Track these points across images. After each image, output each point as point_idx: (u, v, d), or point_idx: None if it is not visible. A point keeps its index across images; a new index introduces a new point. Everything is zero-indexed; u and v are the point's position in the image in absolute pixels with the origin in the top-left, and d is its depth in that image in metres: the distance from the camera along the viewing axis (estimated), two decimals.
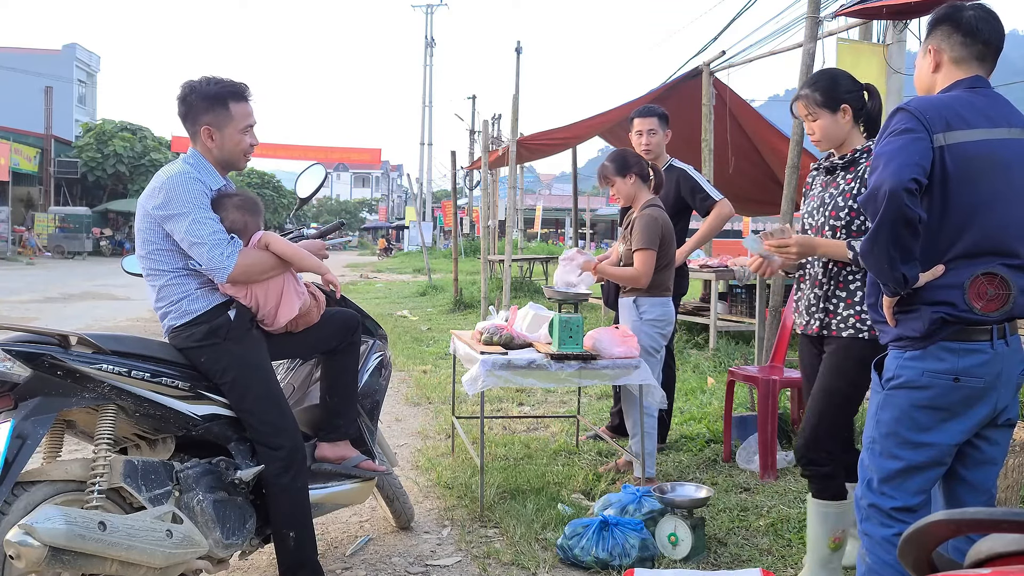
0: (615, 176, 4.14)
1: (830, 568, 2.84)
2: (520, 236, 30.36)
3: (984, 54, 2.25)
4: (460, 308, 12.45)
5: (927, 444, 2.16)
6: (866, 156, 2.77)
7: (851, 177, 2.77)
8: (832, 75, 2.91)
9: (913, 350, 2.15)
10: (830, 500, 2.81)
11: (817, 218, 2.83)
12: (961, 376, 2.12)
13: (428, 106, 42.28)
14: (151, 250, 2.65)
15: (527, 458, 4.51)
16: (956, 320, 2.10)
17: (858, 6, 5.24)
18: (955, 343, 2.11)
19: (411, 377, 7.13)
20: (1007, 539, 0.91)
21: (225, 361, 2.64)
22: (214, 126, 2.69)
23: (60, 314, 11.18)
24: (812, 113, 2.83)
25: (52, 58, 39.67)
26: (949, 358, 2.11)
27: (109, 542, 2.12)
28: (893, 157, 2.04)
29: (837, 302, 2.78)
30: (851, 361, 2.74)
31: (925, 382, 2.14)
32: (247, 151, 2.78)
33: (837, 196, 2.77)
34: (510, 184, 15.72)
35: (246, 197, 2.76)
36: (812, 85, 2.85)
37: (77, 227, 31.18)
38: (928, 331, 2.11)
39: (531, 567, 3.09)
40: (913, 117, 2.09)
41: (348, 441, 3.03)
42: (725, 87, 7.88)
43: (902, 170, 2.00)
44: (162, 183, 2.62)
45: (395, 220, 60.48)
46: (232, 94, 2.71)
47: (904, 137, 2.06)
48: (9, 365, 2.27)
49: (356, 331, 3.04)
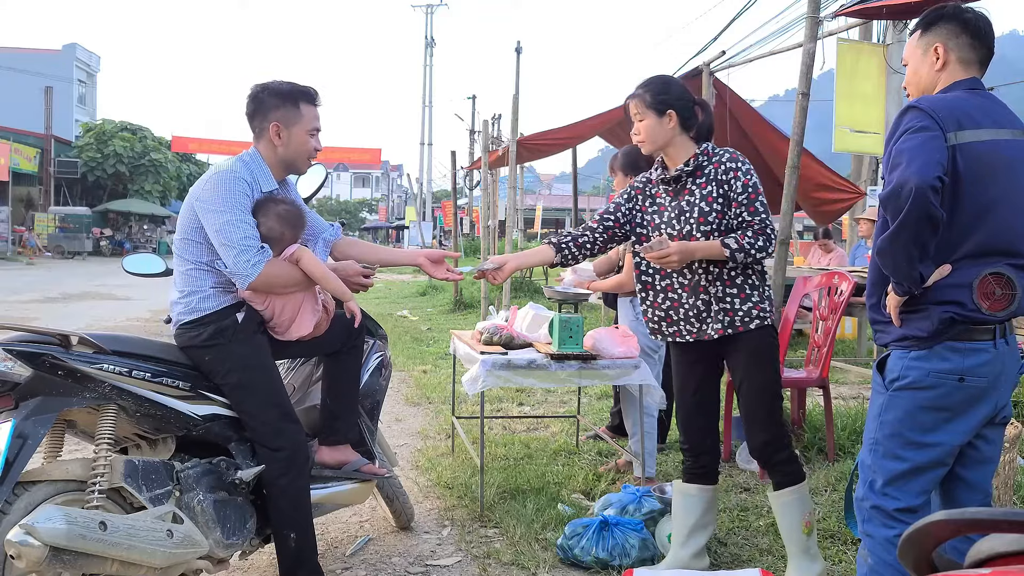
0: (619, 170, 4.18)
1: (811, 554, 2.88)
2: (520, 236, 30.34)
3: (986, 58, 2.26)
4: (460, 308, 12.46)
5: (932, 444, 2.16)
6: (710, 159, 2.84)
7: (704, 182, 2.84)
8: (664, 80, 2.95)
9: (918, 350, 2.14)
10: (794, 486, 2.88)
11: (681, 226, 2.86)
12: (966, 376, 2.11)
13: (428, 106, 42.25)
14: (183, 236, 2.68)
15: (527, 458, 4.51)
16: (964, 320, 2.09)
17: (858, 6, 5.24)
18: (961, 343, 2.11)
19: (411, 377, 7.13)
20: (1007, 539, 0.91)
21: (229, 362, 2.64)
22: (283, 123, 2.71)
23: (60, 314, 11.18)
24: (640, 113, 2.88)
25: (52, 58, 39.66)
26: (954, 358, 2.11)
27: (110, 542, 2.13)
28: (916, 154, 2.01)
29: (732, 300, 2.82)
30: (764, 350, 2.85)
31: (931, 382, 2.13)
32: (311, 154, 2.80)
33: (699, 202, 2.83)
34: (510, 184, 15.71)
35: (291, 209, 2.74)
36: (644, 86, 2.90)
37: (77, 227, 31.17)
38: (936, 331, 2.10)
39: (531, 567, 3.09)
40: (927, 115, 2.07)
41: (348, 445, 3.03)
42: (725, 87, 7.87)
43: (926, 168, 1.98)
44: (210, 176, 2.65)
45: (395, 220, 60.46)
46: (303, 95, 2.75)
47: (922, 135, 2.04)
48: (10, 365, 2.27)
49: (359, 335, 3.04)
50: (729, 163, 2.82)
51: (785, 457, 2.89)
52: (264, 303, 2.70)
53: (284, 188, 2.85)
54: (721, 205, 2.81)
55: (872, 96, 5.41)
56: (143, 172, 34.08)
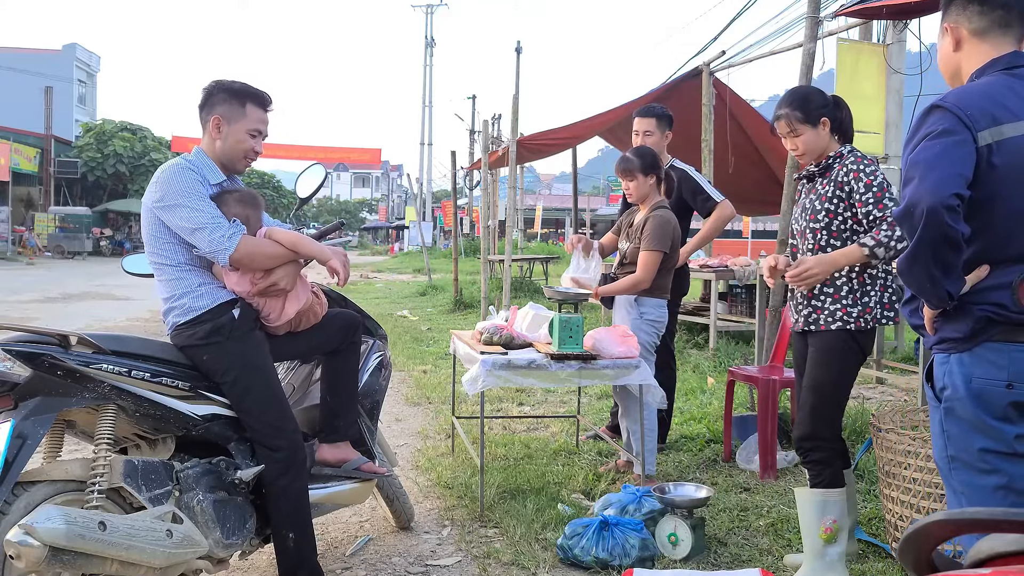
0: (639, 172, 4.10)
1: (825, 561, 2.86)
2: (520, 236, 30.35)
3: (1007, 19, 1.99)
4: (460, 308, 12.45)
5: (1011, 454, 1.93)
6: (838, 160, 2.94)
7: (826, 182, 2.95)
8: (805, 92, 3.06)
9: (957, 352, 1.98)
10: (825, 488, 2.90)
11: (800, 223, 3.03)
12: (1015, 383, 1.92)
13: (428, 106, 42.27)
14: (155, 244, 2.67)
15: (527, 458, 4.51)
16: (1003, 320, 1.92)
17: (858, 6, 5.25)
18: (1002, 344, 1.93)
19: (411, 377, 7.13)
20: (1007, 539, 0.91)
21: (227, 360, 2.64)
22: (224, 118, 2.73)
23: (60, 314, 11.17)
24: (794, 130, 2.97)
25: (52, 58, 39.66)
26: (999, 360, 1.93)
27: (109, 542, 2.12)
28: (931, 167, 1.83)
29: (824, 298, 2.92)
30: (835, 352, 2.90)
31: (977, 388, 1.94)
32: (248, 154, 2.79)
33: (815, 200, 2.96)
34: (510, 184, 15.72)
35: (245, 192, 2.80)
36: (789, 104, 2.98)
37: (77, 227, 31.15)
38: (973, 331, 1.94)
39: (531, 567, 3.09)
40: (951, 115, 1.88)
41: (348, 443, 3.03)
42: (725, 87, 7.88)
43: (941, 185, 1.80)
44: (157, 177, 2.66)
45: (395, 220, 60.46)
46: (253, 96, 2.77)
47: (942, 141, 1.86)
48: (9, 365, 2.27)
49: (357, 332, 3.05)
50: (851, 165, 2.89)
51: (819, 459, 2.93)
52: (252, 284, 2.69)
53: (232, 182, 2.85)
54: (834, 206, 2.90)
55: (872, 96, 5.41)
56: (143, 172, 34.05)
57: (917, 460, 3.02)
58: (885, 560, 3.13)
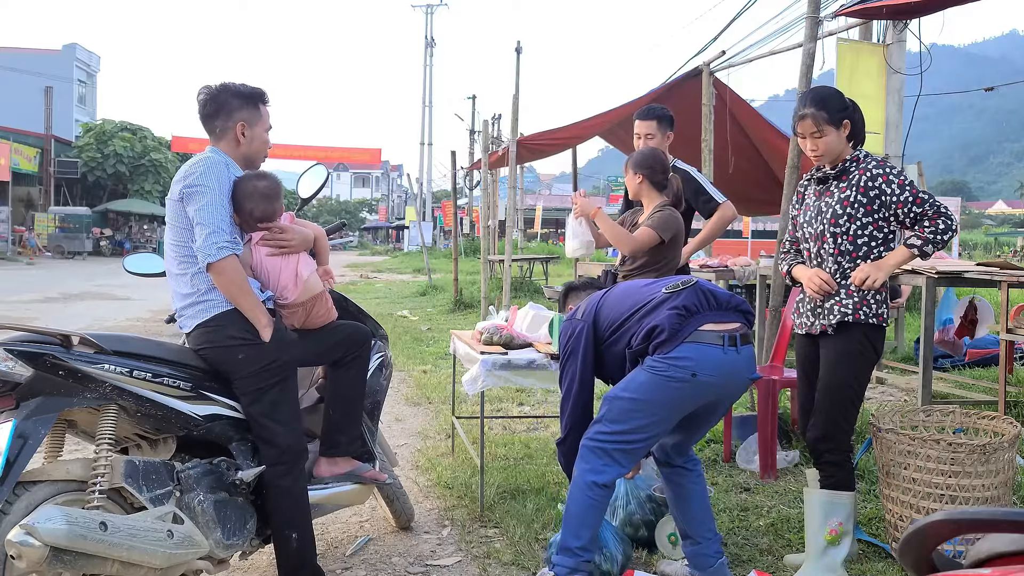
0: (629, 169, 4.11)
1: (826, 562, 2.86)
2: (520, 236, 30.35)
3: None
4: (460, 308, 12.45)
5: None
6: (855, 164, 2.94)
7: (845, 186, 2.94)
8: (828, 92, 3.04)
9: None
10: (829, 491, 2.91)
11: (816, 226, 3.01)
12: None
13: (428, 106, 42.26)
14: (183, 235, 2.67)
15: (527, 458, 4.51)
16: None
17: (858, 6, 5.25)
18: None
19: (411, 377, 7.13)
20: (1007, 539, 0.91)
21: (264, 357, 2.62)
22: (248, 122, 2.78)
23: (60, 314, 11.18)
24: (819, 131, 2.95)
25: (52, 58, 39.63)
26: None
27: (110, 542, 2.13)
28: None
29: (842, 298, 2.94)
30: (851, 354, 2.91)
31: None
32: (266, 152, 2.90)
33: (835, 204, 2.94)
34: (510, 184, 15.72)
35: (272, 182, 2.81)
36: (816, 104, 2.96)
37: (77, 227, 31.15)
38: None
39: (531, 567, 3.09)
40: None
41: (349, 458, 2.99)
42: (725, 87, 7.88)
43: None
44: (196, 162, 2.68)
45: (395, 220, 60.46)
46: (261, 96, 2.85)
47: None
48: (11, 365, 2.27)
49: (365, 344, 3.00)
50: (876, 170, 2.90)
51: (832, 460, 2.95)
52: (259, 270, 2.72)
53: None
54: (854, 210, 2.91)
55: (872, 96, 5.41)
56: (143, 172, 34.06)
57: (917, 460, 3.02)
58: (885, 560, 3.13)
